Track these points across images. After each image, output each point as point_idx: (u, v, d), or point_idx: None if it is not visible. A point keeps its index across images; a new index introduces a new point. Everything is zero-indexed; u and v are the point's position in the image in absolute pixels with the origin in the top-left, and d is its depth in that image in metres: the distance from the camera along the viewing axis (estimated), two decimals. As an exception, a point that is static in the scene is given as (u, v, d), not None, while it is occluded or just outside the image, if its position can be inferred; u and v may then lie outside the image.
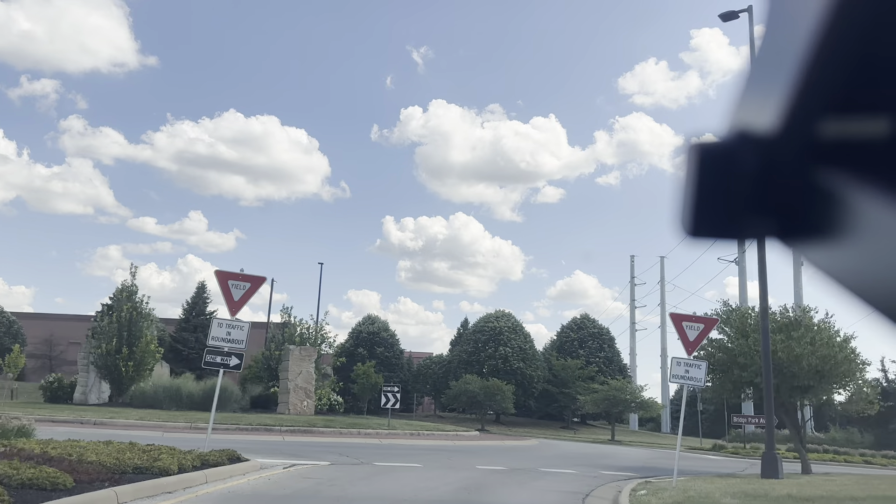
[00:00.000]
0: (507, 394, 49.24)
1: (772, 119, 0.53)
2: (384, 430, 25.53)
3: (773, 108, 0.52)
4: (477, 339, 58.99)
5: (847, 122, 0.49)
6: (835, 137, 0.50)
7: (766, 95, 0.54)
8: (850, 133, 0.49)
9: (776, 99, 0.52)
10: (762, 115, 0.54)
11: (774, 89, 0.52)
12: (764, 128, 0.54)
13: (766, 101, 0.54)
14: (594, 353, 63.71)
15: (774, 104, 0.52)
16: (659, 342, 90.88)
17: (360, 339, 61.64)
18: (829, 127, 0.50)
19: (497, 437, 32.55)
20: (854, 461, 30.18)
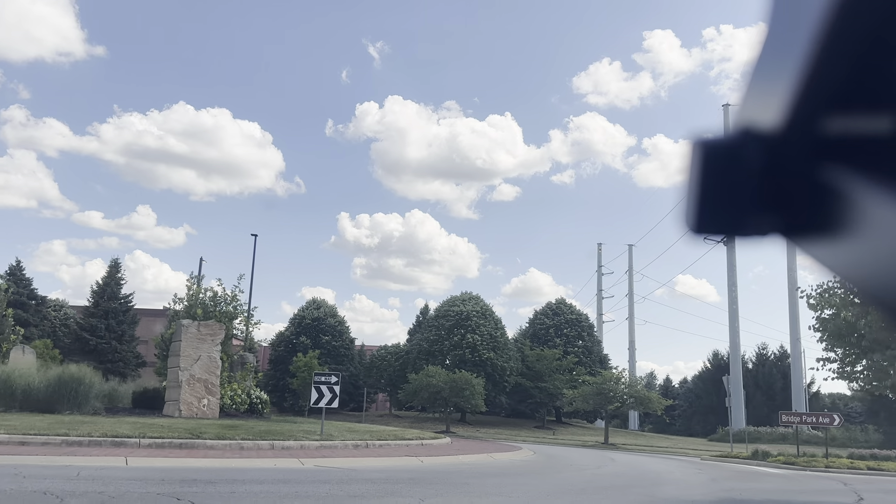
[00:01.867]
0: (477, 388, 40.99)
1: (775, 116, 0.53)
2: (314, 439, 16.86)
3: (777, 105, 0.52)
4: (440, 325, 50.53)
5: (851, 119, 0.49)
6: (839, 134, 0.50)
7: (770, 92, 0.54)
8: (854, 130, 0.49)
9: (780, 96, 0.52)
10: (766, 111, 0.54)
11: (778, 86, 0.52)
12: (768, 124, 0.54)
13: (770, 98, 0.53)
14: (572, 342, 55.94)
15: (778, 101, 0.52)
16: (626, 334, 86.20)
17: (302, 326, 52.57)
18: (833, 124, 0.50)
19: (474, 444, 24.11)
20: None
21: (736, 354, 65.46)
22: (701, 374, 79.14)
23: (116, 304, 54.41)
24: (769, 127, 0.54)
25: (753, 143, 0.55)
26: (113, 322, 53.30)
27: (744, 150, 0.56)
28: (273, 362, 52.38)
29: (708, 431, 63.74)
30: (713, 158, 0.57)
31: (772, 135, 0.54)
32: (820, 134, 0.51)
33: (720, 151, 0.57)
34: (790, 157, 0.53)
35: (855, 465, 22.93)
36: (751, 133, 0.56)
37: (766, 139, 0.54)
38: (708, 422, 68.22)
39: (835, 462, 23.16)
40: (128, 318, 54.56)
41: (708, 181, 0.56)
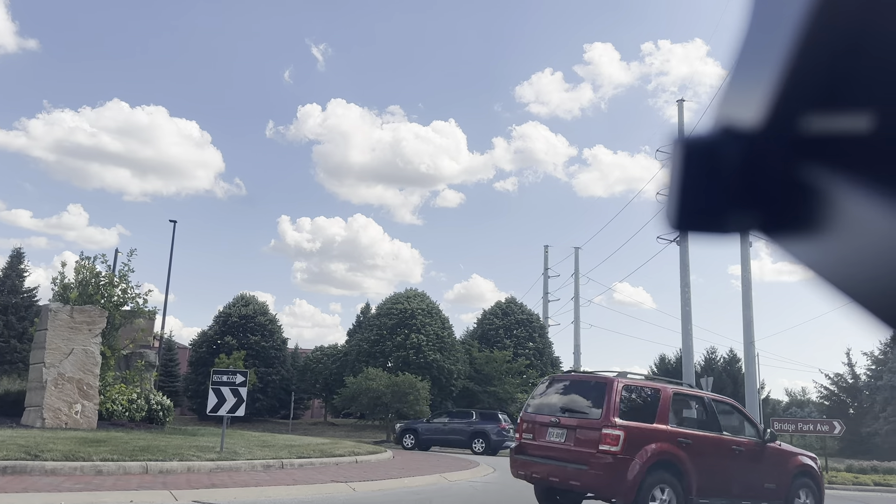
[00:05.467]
0: (422, 393, 36.93)
1: (756, 114, 0.53)
2: (210, 459, 12.56)
3: (757, 104, 0.53)
4: (382, 324, 46.20)
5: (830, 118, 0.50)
6: (818, 133, 0.50)
7: (750, 91, 0.54)
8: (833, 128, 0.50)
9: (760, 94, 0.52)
10: (746, 110, 0.54)
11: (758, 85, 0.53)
12: (748, 123, 0.54)
13: (750, 97, 0.54)
14: (523, 343, 52.42)
15: (758, 99, 0.52)
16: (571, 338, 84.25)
17: (227, 324, 47.42)
18: (813, 122, 0.51)
19: (420, 460, 20.10)
20: None
21: (689, 358, 63.06)
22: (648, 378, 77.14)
23: (18, 298, 48.36)
24: (749, 125, 0.54)
25: (733, 141, 0.55)
26: (13, 318, 47.25)
27: (724, 148, 0.56)
28: (194, 364, 47.13)
29: (657, 437, 61.34)
30: (694, 156, 0.57)
31: (752, 133, 0.54)
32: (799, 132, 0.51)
33: (701, 149, 0.57)
34: (770, 155, 0.53)
35: (860, 481, 19.84)
36: (731, 131, 0.56)
37: (746, 137, 0.54)
38: (656, 427, 65.87)
39: (836, 477, 19.99)
40: (30, 315, 48.29)
41: (689, 179, 0.56)
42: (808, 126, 0.51)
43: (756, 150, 0.54)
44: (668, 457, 9.10)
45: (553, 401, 10.15)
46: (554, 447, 9.61)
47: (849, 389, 51.56)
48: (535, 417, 10.12)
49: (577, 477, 9.19)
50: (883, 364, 47.99)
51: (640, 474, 8.82)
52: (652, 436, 9.17)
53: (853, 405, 50.63)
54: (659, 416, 9.40)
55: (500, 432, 30.62)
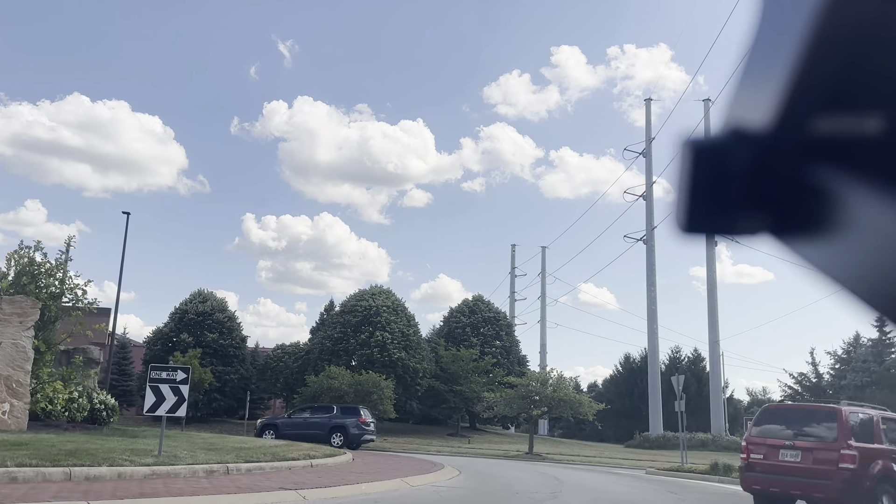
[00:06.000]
0: (386, 392, 35.83)
1: (765, 116, 0.53)
2: (146, 464, 11.33)
3: (767, 105, 0.53)
4: (346, 321, 44.91)
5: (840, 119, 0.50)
6: (827, 134, 0.50)
7: (760, 92, 0.54)
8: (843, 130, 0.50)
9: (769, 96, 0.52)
10: (755, 111, 0.54)
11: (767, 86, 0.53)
12: (757, 124, 0.54)
13: (760, 98, 0.54)
14: (489, 342, 51.58)
15: (767, 101, 0.53)
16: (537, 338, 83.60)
17: (184, 321, 45.63)
18: (822, 124, 0.50)
19: (382, 462, 19.04)
20: None
21: (654, 356, 63.05)
22: (613, 377, 77.04)
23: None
24: (758, 127, 0.54)
25: (743, 143, 0.55)
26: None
27: (733, 149, 0.55)
28: (148, 363, 45.18)
29: (621, 437, 61.10)
30: (703, 158, 0.56)
31: (761, 134, 0.54)
32: (809, 134, 0.51)
33: (710, 151, 0.56)
34: (779, 156, 0.53)
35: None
36: (740, 133, 0.56)
37: (756, 139, 0.54)
38: (621, 426, 65.70)
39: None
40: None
41: (698, 181, 0.56)
42: (817, 127, 0.51)
43: (766, 151, 0.54)
44: (887, 471, 11.19)
45: (779, 426, 12.14)
46: (790, 466, 11.56)
47: (812, 389, 51.76)
48: (765, 441, 12.00)
49: (819, 490, 11.18)
50: (847, 363, 48.23)
51: (872, 485, 10.93)
52: (875, 454, 11.27)
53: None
54: (875, 437, 11.49)
55: (360, 426, 29.79)
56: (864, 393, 44.17)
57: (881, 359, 45.15)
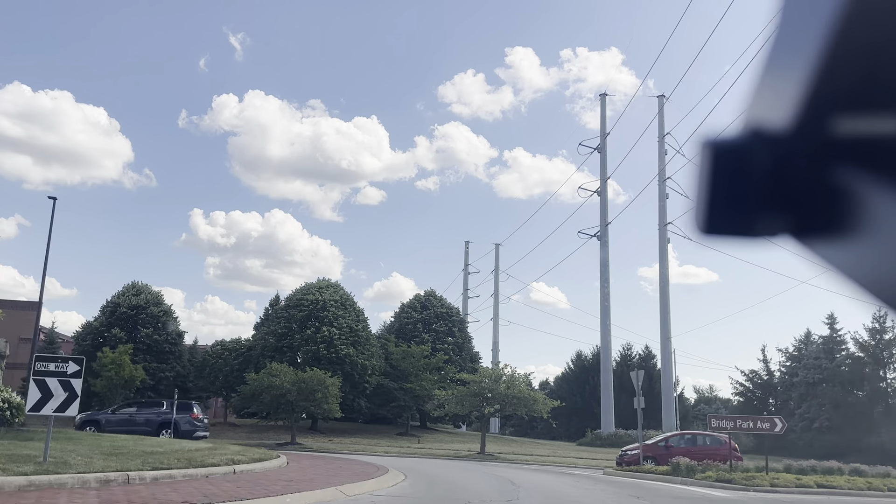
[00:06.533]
0: (331, 390, 33.85)
1: (786, 116, 0.53)
2: (23, 473, 9.33)
3: (787, 105, 0.52)
4: (291, 316, 42.71)
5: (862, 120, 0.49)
6: (849, 134, 0.50)
7: (780, 92, 0.54)
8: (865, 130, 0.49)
9: (790, 96, 0.52)
10: (776, 111, 0.54)
11: (788, 86, 0.52)
12: (778, 125, 0.54)
13: (780, 98, 0.53)
14: (441, 338, 50.02)
15: (788, 101, 0.52)
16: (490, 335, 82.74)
17: (115, 315, 42.73)
18: (844, 124, 0.50)
19: (320, 466, 17.26)
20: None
21: (607, 353, 62.45)
22: (565, 375, 76.43)
23: None
24: (779, 127, 0.53)
25: (763, 144, 0.55)
26: None
27: (754, 150, 0.55)
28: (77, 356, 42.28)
29: (573, 435, 60.39)
30: (723, 159, 0.56)
31: (782, 135, 0.53)
32: (831, 134, 0.50)
33: (730, 152, 0.56)
34: (800, 157, 0.53)
35: (803, 483, 18.29)
36: (761, 133, 0.55)
37: (777, 139, 0.54)
38: (572, 424, 65.01)
39: (779, 479, 18.37)
40: None
41: (718, 182, 0.56)
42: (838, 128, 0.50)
43: (786, 152, 0.53)
44: None
45: None
46: None
47: (764, 386, 51.65)
48: None
49: None
50: (798, 361, 48.16)
51: None
52: None
53: (768, 402, 50.73)
54: None
55: (192, 422, 28.60)
56: (816, 390, 44.12)
57: (832, 356, 45.16)
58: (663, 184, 60.78)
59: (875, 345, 42.13)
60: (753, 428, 20.06)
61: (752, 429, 20.15)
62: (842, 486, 18.09)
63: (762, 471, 19.75)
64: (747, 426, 20.13)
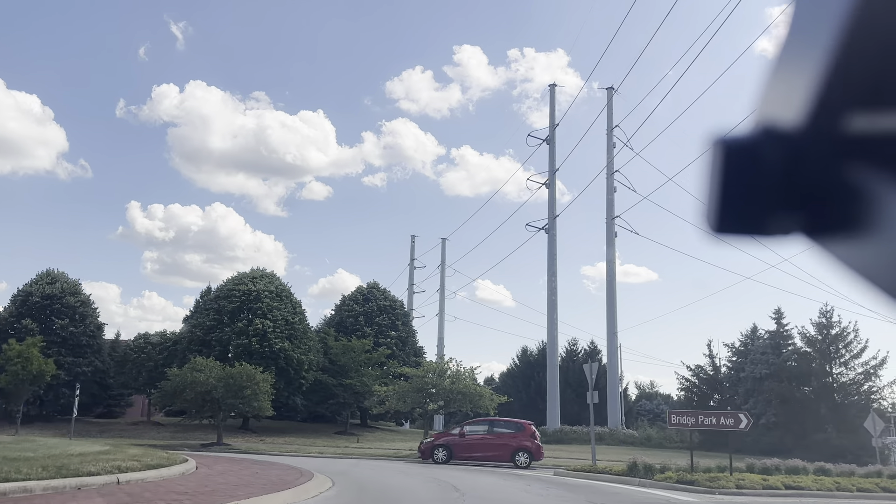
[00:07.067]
0: (262, 386, 31.32)
1: (798, 113, 0.52)
2: None
3: (800, 103, 0.52)
4: (221, 307, 39.84)
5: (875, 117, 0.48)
6: (862, 132, 0.49)
7: (792, 89, 0.53)
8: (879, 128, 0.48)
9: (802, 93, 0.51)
10: (788, 109, 0.53)
11: (800, 83, 0.52)
12: (790, 122, 0.53)
13: (792, 95, 0.53)
14: (384, 332, 47.79)
15: (800, 98, 0.52)
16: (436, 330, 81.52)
17: (27, 305, 39.09)
18: (857, 121, 0.49)
19: (233, 473, 15.01)
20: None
21: (553, 348, 61.33)
22: (510, 371, 75.32)
23: None
24: (791, 125, 0.53)
25: (775, 142, 0.54)
26: None
27: (766, 148, 0.55)
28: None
29: (518, 431, 59.15)
30: (734, 157, 0.55)
31: (794, 133, 0.53)
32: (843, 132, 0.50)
33: (741, 150, 0.56)
34: (813, 155, 0.52)
35: (770, 484, 16.90)
36: (773, 131, 0.55)
37: (789, 137, 0.53)
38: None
39: (745, 480, 16.93)
40: None
41: (729, 180, 0.55)
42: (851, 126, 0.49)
43: (799, 150, 0.53)
44: None
45: None
46: None
47: (709, 381, 51.13)
48: None
49: None
50: (744, 356, 47.72)
51: None
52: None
53: (713, 397, 50.22)
54: None
55: None
56: (763, 385, 43.62)
57: (779, 351, 44.79)
58: (611, 177, 59.96)
59: (822, 340, 41.85)
60: (717, 424, 18.66)
61: (714, 425, 18.76)
62: (810, 487, 16.79)
63: (724, 470, 18.34)
64: (710, 422, 18.72)
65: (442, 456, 23.84)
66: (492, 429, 24.78)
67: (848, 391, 40.83)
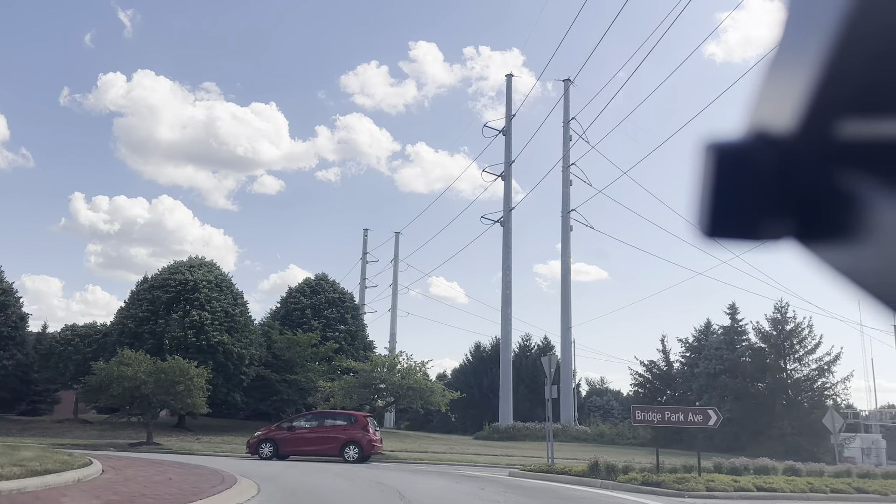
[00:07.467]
0: (196, 381, 29.08)
1: (790, 119, 0.52)
2: None
3: (792, 108, 0.52)
4: (155, 297, 37.29)
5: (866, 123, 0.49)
6: (854, 138, 0.50)
7: (785, 95, 0.53)
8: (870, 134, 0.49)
9: (794, 98, 0.52)
10: (780, 114, 0.54)
11: (793, 88, 0.52)
12: (782, 128, 0.53)
13: (785, 101, 0.53)
14: (333, 325, 45.79)
15: (793, 104, 0.52)
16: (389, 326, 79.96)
17: (-61, 293, 36.01)
18: (848, 127, 0.50)
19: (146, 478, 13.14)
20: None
21: (507, 342, 60.20)
22: (462, 367, 74.16)
23: None
24: (783, 130, 0.53)
25: (767, 147, 0.54)
26: None
27: (758, 153, 0.55)
28: None
29: (469, 428, 57.88)
30: (726, 162, 0.56)
31: (786, 138, 0.53)
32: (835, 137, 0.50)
33: (733, 155, 0.56)
34: (805, 160, 0.52)
35: (742, 486, 15.73)
36: (765, 136, 0.55)
37: (781, 142, 0.53)
38: (469, 417, 62.49)
39: (715, 481, 15.71)
40: None
41: (721, 184, 0.55)
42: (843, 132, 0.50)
43: (791, 155, 0.53)
44: None
45: None
46: None
47: (663, 377, 50.58)
48: None
49: None
50: (698, 351, 47.24)
51: None
52: None
53: (666, 393, 49.67)
54: None
55: None
56: (717, 381, 43.12)
57: (733, 347, 44.37)
58: (567, 170, 59.10)
59: (777, 335, 41.52)
60: (684, 421, 17.47)
61: (682, 421, 17.57)
62: (783, 489, 15.69)
63: (690, 470, 17.13)
64: (677, 419, 17.51)
65: (268, 451, 22.67)
66: (322, 422, 23.82)
67: (802, 387, 40.59)
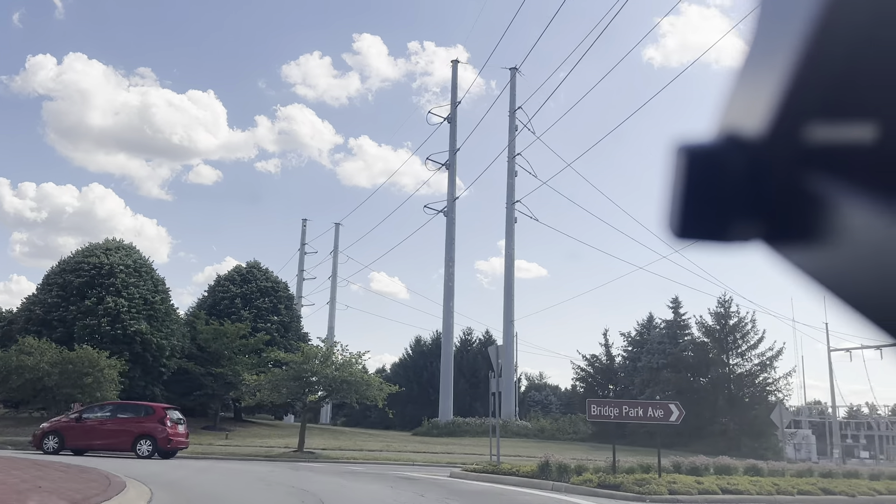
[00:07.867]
0: (108, 373, 26.43)
1: (760, 122, 0.53)
2: None
3: (762, 111, 0.53)
4: (66, 282, 34.06)
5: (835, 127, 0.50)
6: (822, 142, 0.50)
7: (755, 98, 0.54)
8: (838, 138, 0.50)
9: (765, 101, 0.52)
10: (751, 117, 0.54)
11: (763, 92, 0.53)
12: (752, 130, 0.54)
13: (755, 104, 0.54)
14: (265, 316, 43.20)
15: (763, 107, 0.53)
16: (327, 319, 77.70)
17: None
18: (818, 131, 0.51)
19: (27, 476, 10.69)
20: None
21: (448, 336, 58.70)
22: (402, 361, 72.52)
23: None
24: (753, 133, 0.54)
25: (737, 149, 0.55)
26: None
27: (728, 155, 0.55)
28: None
29: (408, 423, 56.23)
30: (696, 163, 0.56)
31: (756, 141, 0.54)
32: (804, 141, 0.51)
33: (704, 157, 0.56)
34: (774, 163, 0.53)
35: (706, 488, 14.46)
36: (735, 139, 0.56)
37: (751, 145, 0.54)
38: (407, 412, 60.76)
39: (677, 483, 14.35)
40: None
41: (691, 186, 0.56)
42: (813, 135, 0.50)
43: (760, 158, 0.53)
44: None
45: None
46: None
47: (605, 371, 49.89)
48: None
49: None
50: (640, 346, 46.67)
51: None
52: None
53: (608, 387, 48.98)
54: None
55: None
56: (659, 376, 42.57)
57: (676, 341, 43.90)
58: (512, 160, 57.95)
59: (720, 330, 41.18)
60: (644, 416, 16.12)
61: (641, 417, 16.22)
62: (748, 490, 14.51)
63: (648, 470, 15.76)
64: (636, 414, 16.14)
65: (53, 445, 20.77)
66: (115, 413, 22.01)
67: (744, 382, 40.37)
